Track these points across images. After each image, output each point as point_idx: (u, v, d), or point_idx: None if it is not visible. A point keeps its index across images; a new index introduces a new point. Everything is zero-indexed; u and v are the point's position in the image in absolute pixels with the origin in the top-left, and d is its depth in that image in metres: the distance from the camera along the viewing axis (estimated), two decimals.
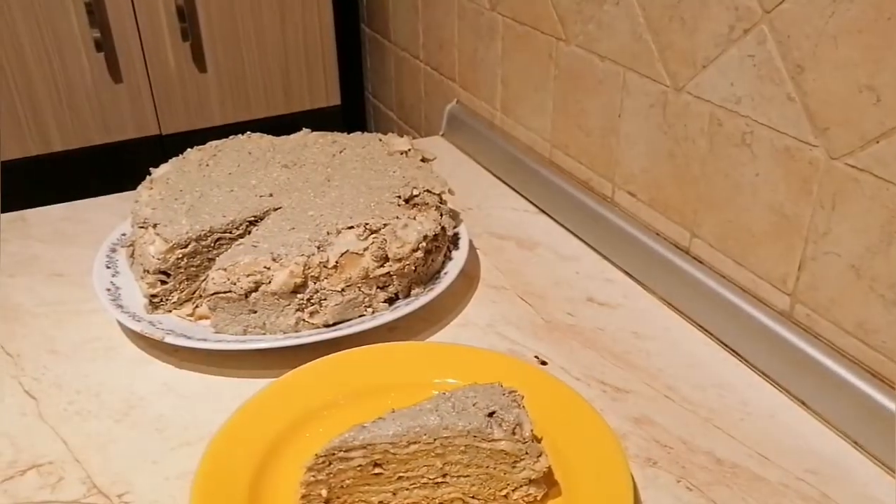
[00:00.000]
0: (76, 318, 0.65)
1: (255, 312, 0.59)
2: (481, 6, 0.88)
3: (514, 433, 0.44)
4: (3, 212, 0.82)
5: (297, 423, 0.51)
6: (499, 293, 0.68)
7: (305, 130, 0.80)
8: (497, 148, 0.89)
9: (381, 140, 0.77)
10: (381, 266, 0.61)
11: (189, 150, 0.76)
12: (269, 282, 0.58)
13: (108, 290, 0.63)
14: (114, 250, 0.69)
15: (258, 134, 0.79)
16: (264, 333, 0.60)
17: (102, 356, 0.61)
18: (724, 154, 0.59)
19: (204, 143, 0.77)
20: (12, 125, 1.04)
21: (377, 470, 0.45)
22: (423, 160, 0.75)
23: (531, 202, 0.84)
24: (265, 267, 0.59)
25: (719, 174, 0.60)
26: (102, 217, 0.80)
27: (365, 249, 0.61)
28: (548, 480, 0.46)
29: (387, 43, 1.18)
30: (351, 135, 0.79)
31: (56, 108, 1.06)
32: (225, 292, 0.59)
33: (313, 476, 0.45)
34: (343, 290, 0.60)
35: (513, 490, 0.46)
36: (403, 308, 0.62)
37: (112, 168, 1.10)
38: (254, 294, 0.59)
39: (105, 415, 0.55)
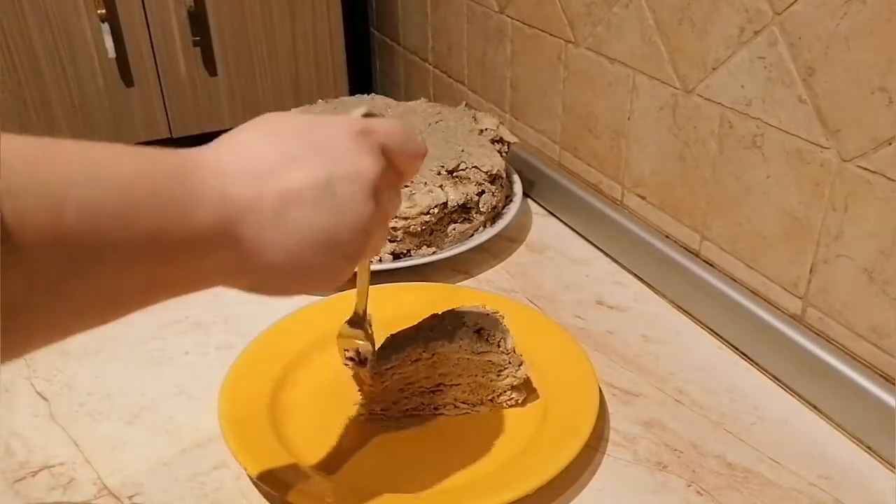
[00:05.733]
0: None
1: None
2: (490, 9, 0.88)
3: (498, 346, 0.51)
4: None
5: (312, 346, 0.59)
6: (508, 296, 0.68)
7: (423, 98, 0.89)
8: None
9: (474, 117, 0.83)
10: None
11: (320, 100, 0.89)
12: None
13: None
14: None
15: (381, 96, 0.90)
16: None
17: (114, 358, 0.61)
18: (735, 156, 0.59)
19: None
20: (25, 129, 1.05)
21: (386, 382, 0.53)
22: (494, 141, 0.79)
23: (540, 205, 0.84)
24: None
25: (730, 177, 0.60)
26: None
27: None
28: (527, 387, 0.54)
29: (396, 46, 1.18)
30: (455, 108, 0.87)
31: (68, 112, 1.07)
32: None
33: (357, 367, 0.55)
34: None
35: (498, 395, 0.54)
36: (404, 261, 0.68)
37: None
38: None
39: (116, 416, 0.55)
